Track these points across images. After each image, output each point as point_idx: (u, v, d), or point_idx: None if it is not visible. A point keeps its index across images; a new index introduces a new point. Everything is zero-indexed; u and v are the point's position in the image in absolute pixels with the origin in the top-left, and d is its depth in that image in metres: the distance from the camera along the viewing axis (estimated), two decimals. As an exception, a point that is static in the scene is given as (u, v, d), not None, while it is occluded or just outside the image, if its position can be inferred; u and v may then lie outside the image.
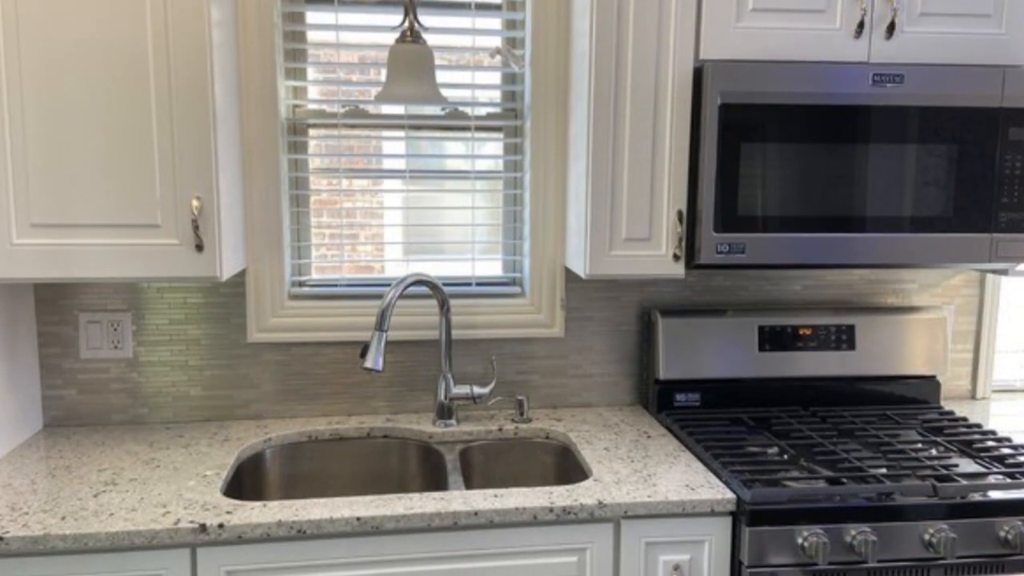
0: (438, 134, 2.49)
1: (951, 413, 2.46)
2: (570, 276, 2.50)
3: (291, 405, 2.44)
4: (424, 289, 2.37)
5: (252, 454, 2.23)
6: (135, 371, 2.36)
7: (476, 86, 2.46)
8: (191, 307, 2.36)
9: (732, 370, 2.45)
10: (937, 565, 1.88)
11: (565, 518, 1.83)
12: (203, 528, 1.71)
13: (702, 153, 2.08)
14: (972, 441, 2.22)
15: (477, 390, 2.37)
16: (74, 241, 1.94)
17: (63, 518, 1.73)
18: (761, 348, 2.46)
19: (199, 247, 1.97)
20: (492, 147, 2.52)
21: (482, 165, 2.52)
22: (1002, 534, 1.88)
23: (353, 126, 2.44)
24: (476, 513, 1.79)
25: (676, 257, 2.16)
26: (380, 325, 2.18)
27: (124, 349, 2.35)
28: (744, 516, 1.85)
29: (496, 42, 2.44)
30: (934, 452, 2.15)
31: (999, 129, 2.12)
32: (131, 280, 1.99)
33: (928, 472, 1.97)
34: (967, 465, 2.07)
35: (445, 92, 2.40)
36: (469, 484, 2.28)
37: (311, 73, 2.44)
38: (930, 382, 2.55)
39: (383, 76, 2.41)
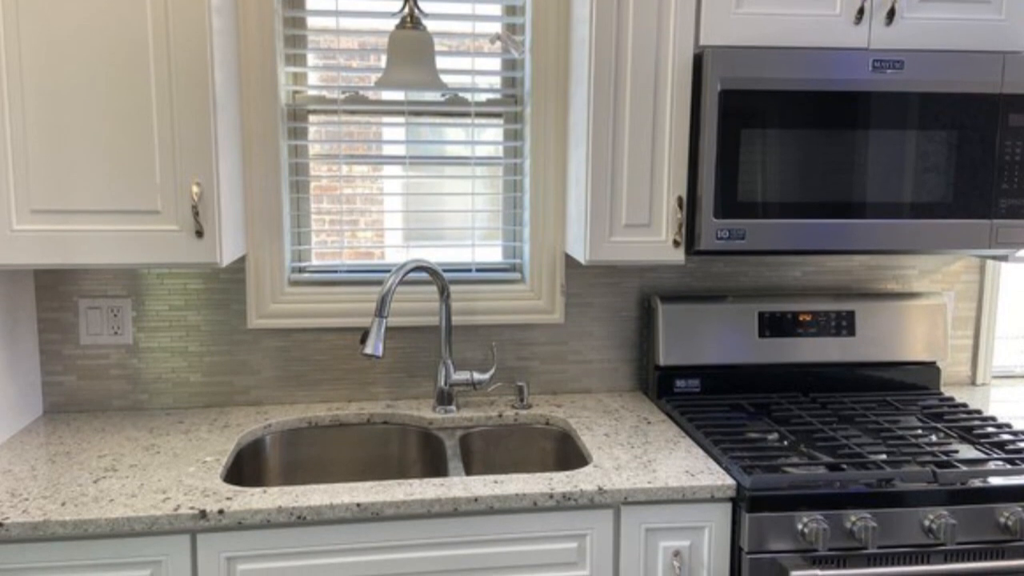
0: (438, 120, 2.48)
1: (951, 399, 2.46)
2: (570, 262, 2.50)
3: (291, 391, 2.44)
4: (424, 275, 2.37)
5: (252, 440, 2.23)
6: (135, 357, 2.36)
7: (476, 72, 2.45)
8: (191, 293, 2.36)
9: (732, 356, 2.45)
10: (937, 551, 1.88)
11: (565, 504, 1.83)
12: (203, 514, 1.71)
13: (702, 139, 2.07)
14: (972, 427, 2.22)
15: (477, 376, 2.37)
16: (74, 227, 1.94)
17: (63, 504, 1.73)
18: (761, 334, 2.46)
19: (199, 233, 1.97)
20: (492, 133, 2.52)
21: (482, 151, 2.51)
22: (1002, 520, 1.89)
23: (353, 112, 2.44)
24: (476, 499, 1.80)
25: (676, 243, 2.16)
26: (380, 311, 2.18)
27: (124, 335, 2.35)
28: (744, 502, 1.85)
29: (496, 28, 2.44)
30: (934, 438, 2.15)
31: (999, 115, 2.11)
32: (131, 266, 1.99)
33: (928, 458, 1.97)
34: (967, 451, 2.08)
35: (445, 78, 2.40)
36: (469, 470, 2.28)
37: (311, 59, 2.43)
38: (930, 368, 2.55)
39: (383, 62, 2.41)
